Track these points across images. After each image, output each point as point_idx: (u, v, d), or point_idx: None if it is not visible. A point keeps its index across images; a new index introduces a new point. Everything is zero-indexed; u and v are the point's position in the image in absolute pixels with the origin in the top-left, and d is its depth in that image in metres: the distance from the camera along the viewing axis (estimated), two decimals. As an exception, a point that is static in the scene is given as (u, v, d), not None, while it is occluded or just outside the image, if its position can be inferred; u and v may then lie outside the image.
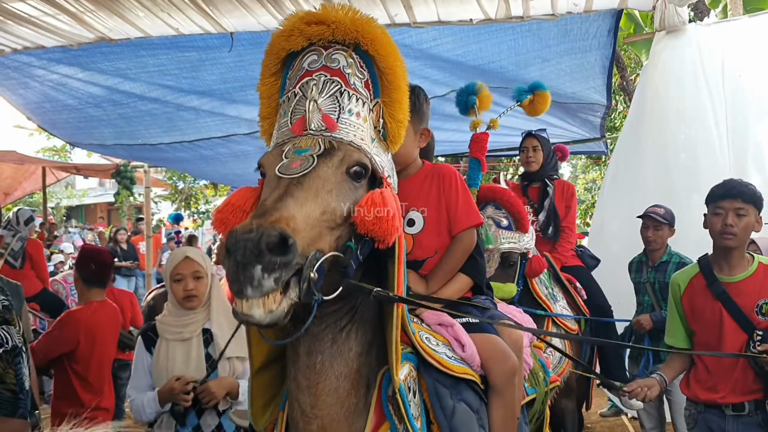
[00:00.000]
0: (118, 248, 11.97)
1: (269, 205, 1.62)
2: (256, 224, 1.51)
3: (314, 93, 1.84)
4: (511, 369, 2.32)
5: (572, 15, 5.26)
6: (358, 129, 1.87)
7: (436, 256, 2.53)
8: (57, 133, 7.87)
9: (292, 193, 1.66)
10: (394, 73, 1.90)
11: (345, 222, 1.76)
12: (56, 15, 5.02)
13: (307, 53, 1.90)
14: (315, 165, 1.73)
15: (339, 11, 1.88)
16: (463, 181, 2.62)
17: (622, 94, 11.89)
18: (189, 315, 3.20)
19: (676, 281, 3.42)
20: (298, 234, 1.56)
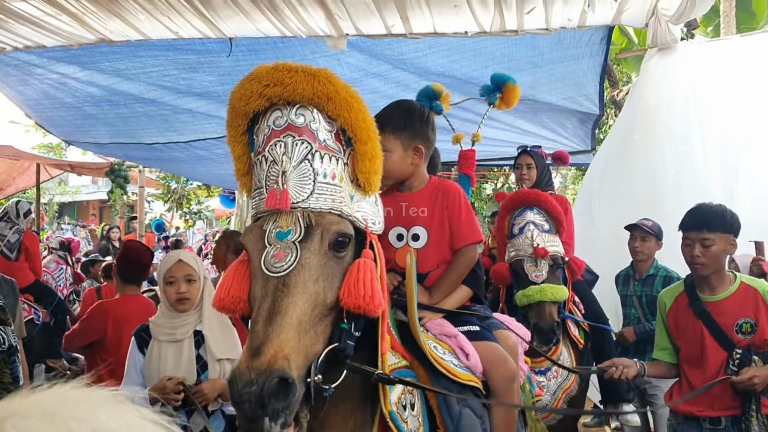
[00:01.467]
0: (110, 246, 11.99)
1: (261, 336, 1.63)
2: (255, 374, 1.55)
3: (285, 162, 1.79)
4: (511, 373, 2.48)
5: (566, 30, 5.35)
6: (335, 191, 1.84)
7: (439, 269, 2.68)
8: (54, 130, 7.92)
9: (280, 304, 1.68)
10: (354, 128, 1.85)
11: (336, 305, 1.79)
12: (57, 15, 5.07)
13: (270, 111, 1.84)
14: (298, 257, 1.74)
15: (294, 74, 1.81)
16: (466, 198, 2.76)
17: (613, 108, 11.98)
18: (181, 317, 3.26)
19: (663, 299, 3.53)
20: (293, 360, 1.61)
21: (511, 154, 9.26)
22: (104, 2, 4.84)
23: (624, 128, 5.95)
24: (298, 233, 1.77)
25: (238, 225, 16.34)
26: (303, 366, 1.66)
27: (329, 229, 1.80)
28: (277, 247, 1.76)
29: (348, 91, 1.85)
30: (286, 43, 5.60)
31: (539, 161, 5.21)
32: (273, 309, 1.67)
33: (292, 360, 1.61)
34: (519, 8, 4.91)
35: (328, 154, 1.84)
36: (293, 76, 1.80)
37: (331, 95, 1.81)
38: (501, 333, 2.76)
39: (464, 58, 5.90)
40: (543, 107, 6.96)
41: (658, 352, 3.55)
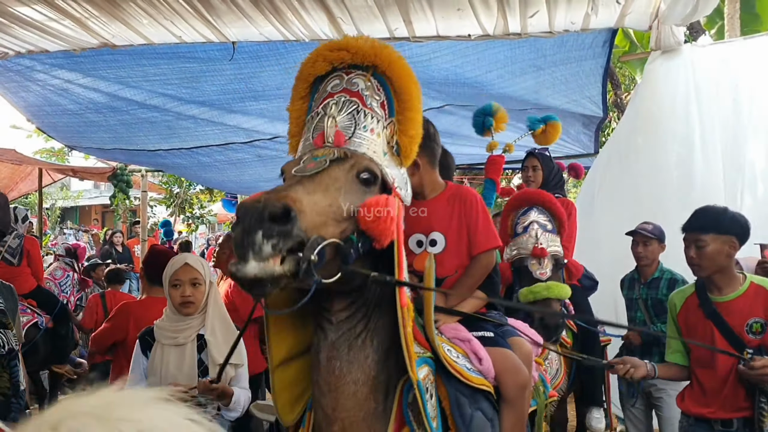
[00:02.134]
0: (113, 251, 11.99)
1: (280, 188, 1.77)
2: (264, 197, 1.65)
3: (334, 111, 2.02)
4: (523, 382, 2.51)
5: (569, 33, 5.34)
6: (371, 143, 2.03)
7: (456, 274, 2.71)
8: (56, 136, 7.91)
9: (303, 183, 1.81)
10: (408, 92, 2.08)
11: (350, 219, 1.88)
12: (60, 20, 5.07)
13: (330, 78, 2.09)
14: (327, 166, 1.89)
15: (359, 39, 2.07)
16: (483, 204, 2.81)
17: (616, 111, 11.97)
18: (185, 321, 3.25)
19: (673, 300, 3.54)
20: (302, 213, 1.68)
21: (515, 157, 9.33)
22: (107, 7, 4.83)
23: (627, 131, 5.95)
24: (333, 154, 1.94)
25: (241, 229, 16.31)
26: (309, 226, 1.71)
27: (360, 161, 1.97)
28: (310, 161, 1.92)
29: (406, 63, 2.09)
30: (288, 49, 5.59)
31: (546, 163, 5.22)
32: (295, 183, 1.81)
33: (302, 211, 1.68)
34: (522, 12, 4.90)
35: (371, 113, 2.05)
36: (358, 42, 2.06)
37: (392, 60, 2.05)
38: (515, 340, 2.77)
39: (468, 62, 5.90)
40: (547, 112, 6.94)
41: (671, 354, 3.55)
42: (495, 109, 4.23)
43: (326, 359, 2.00)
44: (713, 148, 5.41)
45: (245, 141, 7.41)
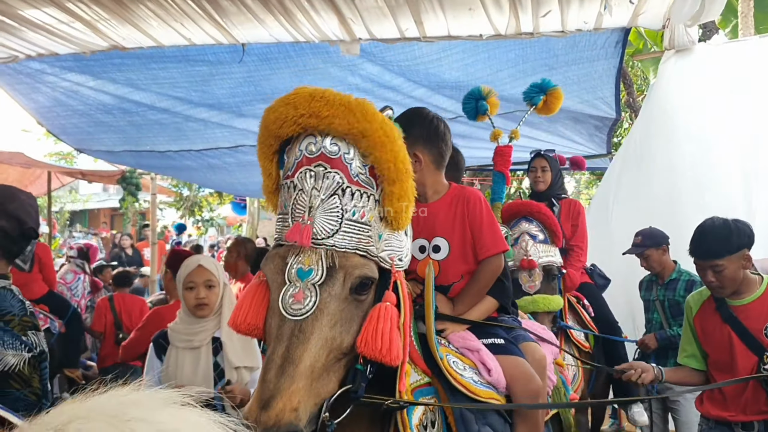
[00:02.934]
0: (122, 254, 12.00)
1: (272, 389, 1.62)
2: (262, 428, 1.56)
3: (314, 196, 1.76)
4: (535, 390, 2.40)
5: (582, 32, 5.29)
6: (362, 231, 1.80)
7: (463, 280, 2.60)
8: (66, 138, 7.92)
9: (294, 354, 1.66)
10: (384, 168, 1.81)
11: (352, 349, 1.78)
12: (70, 23, 5.06)
13: (303, 138, 1.82)
14: (317, 302, 1.72)
15: (331, 101, 1.78)
16: (488, 205, 2.68)
17: (629, 111, 11.91)
18: (200, 323, 3.22)
19: (689, 303, 3.48)
20: (303, 410, 1.62)
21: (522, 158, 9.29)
22: (117, 9, 4.82)
23: (641, 131, 5.89)
24: (320, 275, 1.73)
25: (250, 232, 16.35)
26: (312, 408, 1.66)
27: (352, 272, 1.77)
28: (296, 286, 1.74)
29: (384, 128, 1.80)
30: (298, 51, 5.57)
31: (553, 164, 5.19)
32: (286, 357, 1.66)
33: (301, 410, 1.61)
34: (534, 11, 4.86)
35: (359, 190, 1.80)
36: (330, 109, 1.76)
37: (366, 133, 1.77)
38: (528, 346, 2.68)
39: (478, 61, 5.86)
40: (559, 113, 6.90)
41: (684, 358, 3.49)
42: (486, 92, 4.11)
43: None
44: (728, 148, 5.35)
45: (254, 144, 7.37)
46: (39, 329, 2.43)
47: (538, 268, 4.05)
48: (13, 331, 2.33)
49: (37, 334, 2.39)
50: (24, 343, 2.32)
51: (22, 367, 2.27)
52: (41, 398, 2.32)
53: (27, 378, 2.28)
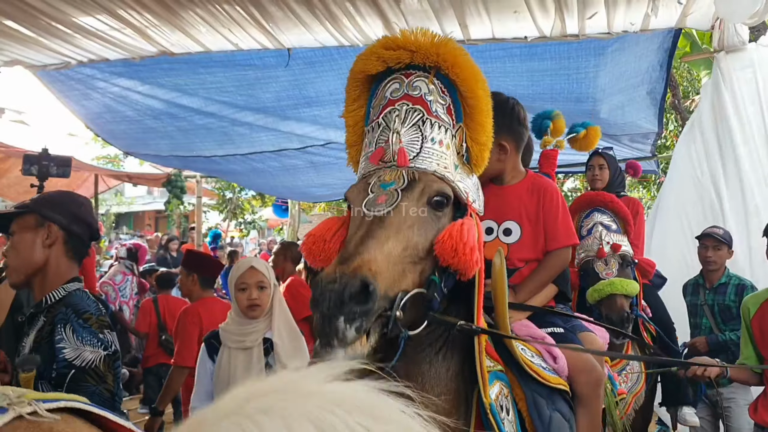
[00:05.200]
0: (168, 256, 12.20)
1: (351, 249, 1.66)
2: (339, 273, 1.56)
3: (397, 124, 1.85)
4: (597, 379, 2.44)
5: (628, 34, 5.24)
6: (441, 157, 1.87)
7: (526, 267, 2.64)
8: (115, 143, 8.09)
9: (374, 233, 1.70)
10: (475, 96, 1.89)
11: (428, 255, 1.79)
12: (122, 29, 5.18)
13: (389, 81, 1.92)
14: (398, 201, 1.77)
15: (418, 36, 1.88)
16: (563, 199, 2.72)
17: (674, 113, 11.74)
18: (252, 324, 3.28)
19: (747, 304, 3.45)
20: (379, 276, 1.61)
21: (566, 161, 9.22)
22: (167, 15, 4.92)
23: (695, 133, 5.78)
24: (402, 183, 1.80)
25: (291, 234, 16.46)
26: (388, 285, 1.65)
27: (430, 185, 1.83)
28: (379, 193, 1.80)
29: (472, 61, 1.90)
30: (342, 54, 5.62)
31: (611, 162, 5.16)
32: (366, 235, 1.70)
33: (379, 276, 1.61)
34: (581, 13, 4.82)
35: (438, 122, 1.88)
36: (418, 40, 1.88)
37: (456, 60, 1.87)
38: (587, 336, 2.70)
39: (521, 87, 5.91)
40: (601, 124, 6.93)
41: (744, 359, 3.48)
42: (555, 114, 4.17)
43: (405, 376, 1.86)
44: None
45: (298, 147, 7.47)
46: (113, 329, 2.54)
47: (615, 256, 4.06)
48: (91, 329, 2.42)
49: (111, 334, 2.49)
50: (100, 341, 2.41)
51: (98, 364, 2.35)
52: (114, 396, 2.40)
53: (102, 374, 2.36)
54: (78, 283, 2.60)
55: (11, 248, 2.55)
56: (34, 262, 2.54)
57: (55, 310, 2.47)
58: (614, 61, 5.54)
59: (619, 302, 3.92)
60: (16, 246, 2.54)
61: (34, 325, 2.52)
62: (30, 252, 2.54)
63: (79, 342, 2.36)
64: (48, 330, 2.43)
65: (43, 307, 2.52)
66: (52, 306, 2.50)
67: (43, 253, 2.55)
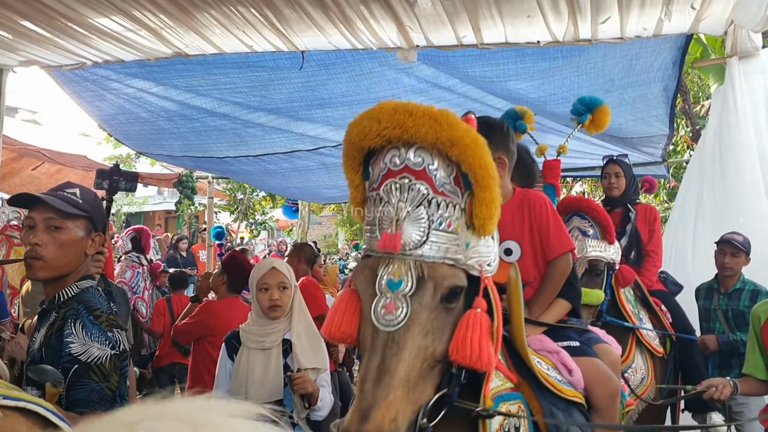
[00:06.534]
0: (178, 256, 12.26)
1: (369, 397, 1.65)
2: None
3: (400, 208, 1.76)
4: (614, 391, 2.50)
5: (641, 39, 5.24)
6: (450, 240, 1.79)
7: (535, 282, 2.69)
8: (129, 143, 8.15)
9: (389, 364, 1.69)
10: (478, 175, 1.78)
11: (446, 355, 1.78)
12: (137, 30, 5.22)
13: (387, 150, 1.82)
14: (409, 313, 1.73)
15: (415, 113, 1.76)
16: (553, 207, 2.79)
17: (684, 118, 11.72)
18: (271, 324, 3.30)
19: (757, 312, 3.42)
20: (403, 419, 1.64)
21: (576, 164, 9.22)
22: (182, 17, 4.95)
23: (710, 139, 5.76)
24: (410, 286, 1.74)
25: (300, 235, 16.51)
26: (411, 416, 1.68)
27: (441, 282, 1.77)
28: (388, 297, 1.74)
29: (470, 135, 1.78)
30: (356, 57, 5.65)
31: (627, 170, 5.14)
32: (381, 368, 1.69)
33: (400, 419, 1.63)
34: (594, 18, 4.83)
35: (445, 200, 1.79)
36: (415, 120, 1.75)
37: (454, 141, 1.75)
38: (602, 348, 2.74)
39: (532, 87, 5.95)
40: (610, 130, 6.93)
41: (749, 367, 3.44)
42: (521, 112, 4.16)
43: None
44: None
45: (310, 149, 7.50)
46: (123, 329, 2.54)
47: (583, 262, 4.06)
48: (101, 326, 2.42)
49: (121, 333, 2.49)
50: (109, 339, 2.41)
51: (103, 361, 2.35)
52: (116, 396, 2.40)
53: (107, 373, 2.36)
54: (91, 280, 2.60)
55: (54, 243, 2.47)
56: (74, 267, 2.53)
57: (67, 306, 2.47)
58: (624, 52, 5.53)
59: (583, 314, 3.79)
60: (64, 245, 2.48)
61: (45, 321, 2.53)
62: (75, 256, 2.52)
63: (88, 338, 2.37)
64: (59, 325, 2.43)
65: (56, 303, 2.52)
66: (65, 302, 2.50)
67: (81, 260, 2.56)
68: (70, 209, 2.50)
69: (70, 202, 2.52)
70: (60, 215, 2.48)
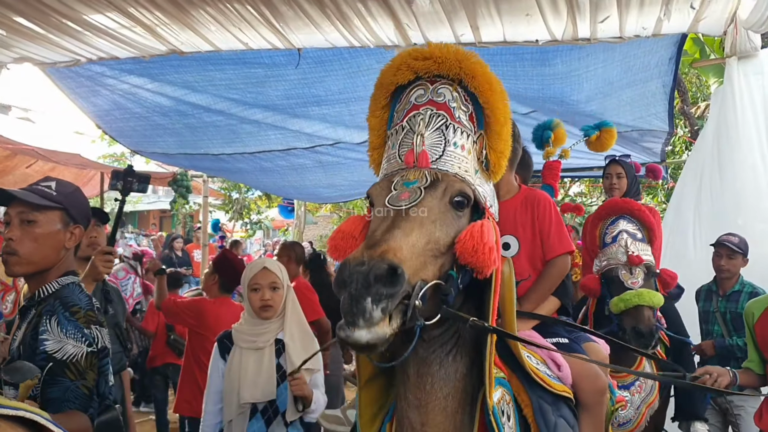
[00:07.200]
0: (173, 255, 12.21)
1: (378, 237, 1.71)
2: (367, 256, 1.61)
3: (421, 127, 1.93)
4: (602, 388, 2.51)
5: (640, 38, 5.22)
6: (462, 161, 1.94)
7: (529, 279, 2.72)
8: (123, 141, 8.09)
9: (399, 224, 1.75)
10: (493, 107, 1.97)
11: (448, 251, 1.83)
12: (132, 27, 5.18)
13: (414, 87, 2.00)
14: (421, 197, 1.82)
15: (444, 48, 1.97)
16: (556, 208, 2.84)
17: (683, 119, 11.72)
18: (264, 324, 3.28)
19: (751, 309, 3.48)
20: (405, 263, 1.64)
21: (574, 165, 9.20)
22: (178, 14, 4.92)
23: (708, 140, 5.75)
24: (425, 182, 1.86)
25: (296, 235, 16.47)
26: (411, 273, 1.68)
27: (452, 185, 1.89)
28: (403, 190, 1.86)
29: (491, 74, 1.98)
30: (353, 54, 5.61)
31: (629, 170, 5.13)
32: (391, 226, 1.76)
33: (404, 262, 1.64)
34: (593, 17, 4.81)
35: (461, 128, 1.96)
36: (443, 52, 1.96)
37: (476, 73, 1.95)
38: (591, 346, 2.76)
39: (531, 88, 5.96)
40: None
41: (748, 362, 3.51)
42: (555, 124, 4.20)
43: (416, 375, 1.95)
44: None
45: (307, 146, 7.46)
46: (103, 326, 2.49)
47: (641, 266, 4.02)
48: (77, 323, 2.38)
49: (100, 330, 2.44)
50: (85, 336, 2.37)
51: (79, 359, 2.31)
52: (93, 394, 2.35)
53: (82, 370, 2.31)
54: (73, 276, 2.56)
55: (28, 237, 2.44)
56: (51, 261, 2.50)
57: (46, 303, 2.43)
58: (623, 55, 5.55)
59: (647, 314, 3.84)
60: (38, 238, 2.45)
61: (25, 319, 2.48)
62: (52, 250, 2.48)
63: (63, 335, 2.32)
64: (35, 322, 2.39)
65: (36, 300, 2.48)
66: (45, 299, 2.46)
67: (61, 254, 2.51)
68: (41, 201, 2.46)
69: (42, 194, 2.49)
70: (32, 208, 2.45)
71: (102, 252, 3.19)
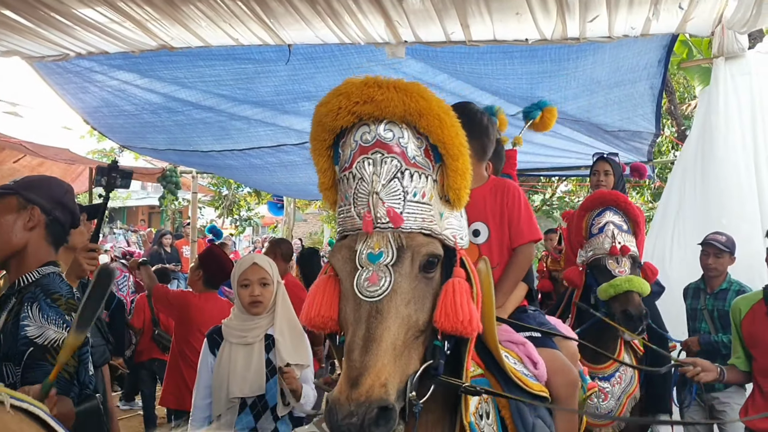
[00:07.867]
0: (162, 251, 12.19)
1: (358, 365, 1.62)
2: (354, 404, 1.56)
3: (375, 181, 1.75)
4: (573, 381, 2.55)
5: (628, 38, 5.25)
6: (425, 211, 1.80)
7: (498, 267, 2.76)
8: (113, 136, 8.06)
9: (374, 331, 1.67)
10: (447, 144, 1.80)
11: (428, 325, 1.78)
12: (122, 22, 5.15)
13: (357, 127, 1.80)
14: (391, 282, 1.72)
15: (384, 88, 1.76)
16: (525, 196, 2.88)
17: (670, 119, 11.79)
18: (253, 320, 3.29)
19: (738, 306, 3.52)
20: (391, 383, 1.62)
21: (562, 164, 9.25)
22: (168, 9, 4.89)
23: (695, 140, 5.79)
24: (390, 256, 1.74)
25: (285, 232, 16.46)
26: (399, 385, 1.66)
27: (419, 251, 1.77)
28: (369, 270, 1.74)
29: (440, 106, 1.80)
30: (343, 51, 5.61)
31: (616, 168, 5.19)
32: (368, 337, 1.66)
33: (390, 385, 1.61)
34: (582, 16, 4.83)
35: (417, 171, 1.79)
36: (384, 93, 1.75)
37: (423, 111, 1.76)
38: (562, 340, 2.82)
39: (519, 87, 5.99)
40: (598, 130, 6.97)
41: (735, 359, 3.55)
42: (496, 110, 4.24)
43: None
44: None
45: (297, 143, 7.45)
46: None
47: (627, 256, 4.11)
48: (58, 309, 2.42)
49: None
50: (66, 322, 2.40)
51: (60, 344, 2.33)
52: (73, 379, 2.39)
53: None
54: (54, 267, 2.60)
55: None
56: (14, 245, 2.54)
57: (27, 291, 2.47)
58: (612, 56, 5.61)
59: (637, 299, 3.95)
60: None
61: (5, 307, 2.52)
62: (10, 234, 2.53)
63: (44, 320, 2.36)
64: (16, 310, 2.43)
65: (15, 288, 2.52)
66: (25, 287, 2.50)
67: (23, 236, 2.55)
68: None
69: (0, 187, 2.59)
70: None
71: (85, 249, 3.20)
